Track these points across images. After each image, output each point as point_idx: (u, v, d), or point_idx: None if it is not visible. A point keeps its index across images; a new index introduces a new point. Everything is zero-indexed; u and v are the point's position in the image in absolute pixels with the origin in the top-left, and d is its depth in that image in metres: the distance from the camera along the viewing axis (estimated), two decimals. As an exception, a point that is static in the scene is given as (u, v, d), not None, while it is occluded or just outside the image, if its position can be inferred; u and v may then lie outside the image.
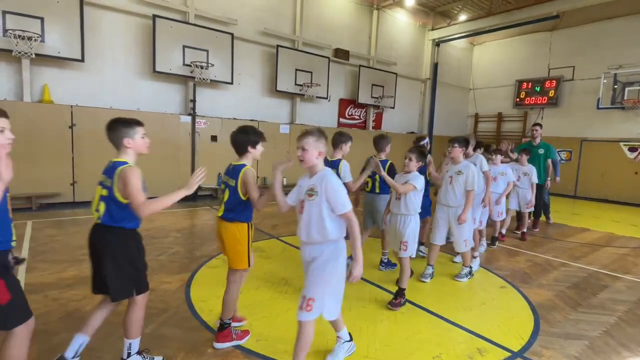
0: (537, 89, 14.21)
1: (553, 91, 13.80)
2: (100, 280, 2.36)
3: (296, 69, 10.85)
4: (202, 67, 8.91)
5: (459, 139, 4.35)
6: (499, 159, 5.81)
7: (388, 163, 4.43)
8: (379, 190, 4.60)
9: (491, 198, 5.35)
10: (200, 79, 8.96)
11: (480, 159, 5.03)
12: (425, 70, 15.07)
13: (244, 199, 2.74)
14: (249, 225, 2.84)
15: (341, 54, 12.17)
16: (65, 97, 7.87)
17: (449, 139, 4.53)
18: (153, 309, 3.32)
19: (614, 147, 12.42)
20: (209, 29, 9.26)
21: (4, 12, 6.83)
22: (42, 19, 7.18)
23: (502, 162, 5.97)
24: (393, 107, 13.68)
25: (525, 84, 14.56)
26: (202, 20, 9.40)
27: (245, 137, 2.80)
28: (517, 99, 14.82)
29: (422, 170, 4.82)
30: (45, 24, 7.24)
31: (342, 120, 12.88)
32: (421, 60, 15.00)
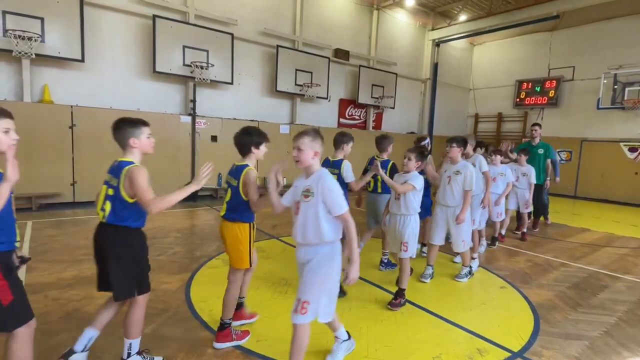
0: (537, 89, 14.21)
1: (553, 91, 13.80)
2: (105, 279, 2.38)
3: (296, 69, 10.85)
4: (202, 67, 8.92)
5: (457, 139, 4.35)
6: (498, 159, 5.77)
7: (390, 163, 4.44)
8: (381, 190, 4.59)
9: (490, 199, 5.34)
10: (200, 79, 8.97)
11: (479, 160, 5.01)
12: (425, 71, 15.07)
13: (245, 199, 2.75)
14: (251, 225, 2.85)
15: (341, 54, 12.17)
16: (65, 97, 7.87)
17: (446, 139, 4.53)
18: (153, 309, 3.32)
19: (614, 147, 12.42)
20: (209, 29, 9.27)
21: (4, 12, 6.84)
22: (42, 19, 7.19)
23: (502, 163, 5.96)
24: (393, 107, 13.68)
25: (525, 84, 14.56)
26: (202, 21, 9.40)
27: (248, 138, 2.82)
28: (517, 99, 14.82)
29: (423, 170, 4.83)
30: (45, 24, 7.24)
31: (342, 120, 12.89)
32: (421, 60, 15.00)
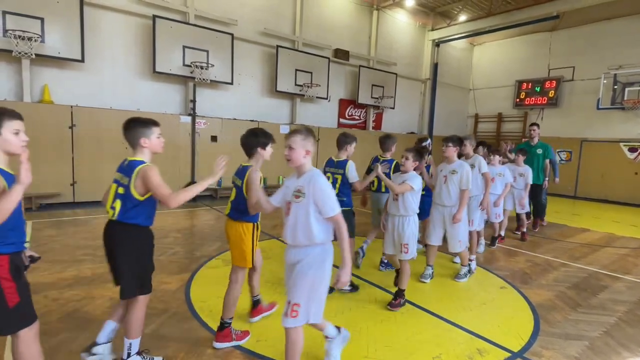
0: (537, 89, 14.22)
1: (553, 91, 13.80)
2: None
3: (296, 69, 10.85)
4: (202, 68, 8.92)
5: (453, 138, 4.34)
6: (497, 159, 5.72)
7: (394, 162, 4.46)
8: (384, 189, 4.60)
9: (489, 200, 5.32)
10: (200, 79, 8.97)
11: (479, 160, 4.99)
12: (425, 71, 15.07)
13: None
14: (255, 225, 2.88)
15: (341, 54, 12.17)
16: (65, 97, 7.87)
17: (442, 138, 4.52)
18: (153, 309, 3.32)
19: (614, 147, 12.42)
20: (209, 29, 9.27)
21: (4, 12, 6.84)
22: (42, 19, 7.19)
23: (502, 163, 5.94)
24: (393, 108, 13.68)
25: (525, 84, 14.56)
26: (202, 21, 9.40)
27: (254, 139, 2.88)
28: (517, 100, 14.83)
29: (427, 169, 4.83)
30: (45, 24, 7.24)
31: (342, 120, 12.89)
32: (421, 60, 15.00)
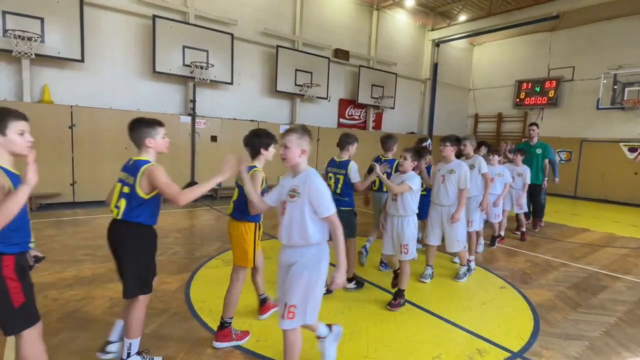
0: (537, 89, 14.22)
1: (553, 91, 13.80)
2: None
3: (296, 69, 10.85)
4: (202, 68, 8.92)
5: (450, 138, 4.34)
6: (496, 159, 5.70)
7: (395, 162, 4.46)
8: (386, 189, 4.58)
9: (489, 200, 5.32)
10: (200, 79, 8.97)
11: (479, 161, 4.99)
12: (425, 71, 15.08)
13: None
14: (257, 225, 2.90)
15: (341, 54, 12.17)
16: (65, 97, 7.87)
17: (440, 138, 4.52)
18: (153, 309, 3.32)
19: (614, 147, 12.42)
20: (209, 29, 9.27)
21: (4, 12, 6.84)
22: (42, 19, 7.19)
23: (502, 163, 5.93)
24: (393, 108, 13.68)
25: (525, 84, 14.56)
26: (202, 21, 9.40)
27: (258, 140, 2.89)
28: (517, 100, 14.83)
29: (428, 170, 4.82)
30: (45, 24, 7.24)
31: (342, 120, 12.89)
32: (421, 60, 15.01)
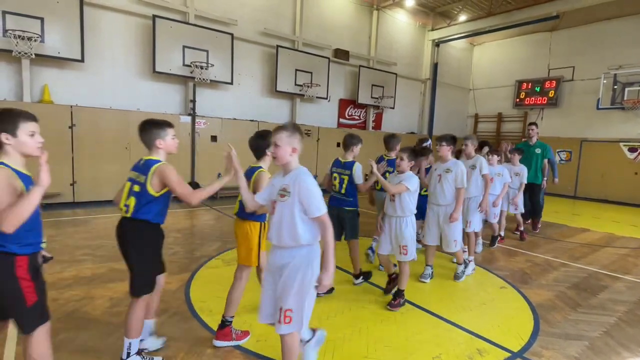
0: (537, 89, 14.21)
1: (553, 91, 13.80)
2: None
3: (296, 69, 10.85)
4: (202, 68, 8.92)
5: (446, 137, 4.34)
6: (495, 159, 5.70)
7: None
8: None
9: (488, 200, 5.31)
10: (200, 79, 8.96)
11: (480, 161, 4.99)
12: (425, 71, 15.07)
13: None
14: (262, 224, 2.91)
15: (341, 54, 12.17)
16: (65, 97, 7.87)
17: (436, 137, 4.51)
18: (153, 309, 3.32)
19: (614, 147, 12.42)
20: (209, 29, 9.27)
21: (4, 12, 6.83)
22: (42, 19, 7.18)
23: (500, 163, 5.93)
24: (393, 108, 13.68)
25: (525, 84, 14.56)
26: (202, 21, 9.40)
27: (262, 141, 2.92)
28: (517, 100, 14.82)
29: (427, 170, 4.82)
30: (45, 24, 7.24)
31: (342, 120, 12.88)
32: (421, 60, 15.00)
